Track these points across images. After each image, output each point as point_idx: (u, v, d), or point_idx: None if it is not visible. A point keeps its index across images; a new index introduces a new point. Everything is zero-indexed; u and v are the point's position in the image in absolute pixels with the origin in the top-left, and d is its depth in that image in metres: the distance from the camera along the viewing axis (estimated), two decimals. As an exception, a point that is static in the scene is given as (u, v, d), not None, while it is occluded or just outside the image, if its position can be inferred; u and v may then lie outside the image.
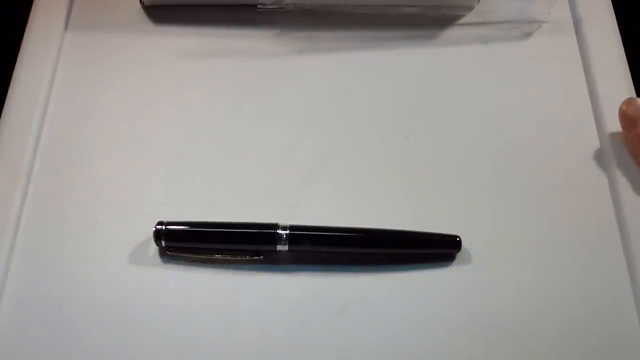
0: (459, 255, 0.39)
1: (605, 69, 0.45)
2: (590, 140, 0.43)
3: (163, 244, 0.38)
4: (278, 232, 0.37)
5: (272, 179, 0.41)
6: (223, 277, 0.38)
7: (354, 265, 0.39)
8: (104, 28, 0.46)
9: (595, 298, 0.38)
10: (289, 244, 0.37)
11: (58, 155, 0.42)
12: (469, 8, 0.47)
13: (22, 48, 0.45)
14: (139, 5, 0.47)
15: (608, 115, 0.43)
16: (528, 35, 0.47)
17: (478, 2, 0.47)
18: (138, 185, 0.41)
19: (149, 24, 0.47)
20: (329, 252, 0.39)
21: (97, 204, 0.40)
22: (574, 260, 0.39)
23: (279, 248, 0.38)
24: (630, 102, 0.41)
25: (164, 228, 0.38)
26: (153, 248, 0.39)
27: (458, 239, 0.38)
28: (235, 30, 0.47)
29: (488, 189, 0.41)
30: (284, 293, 0.38)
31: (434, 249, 0.39)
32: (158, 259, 0.39)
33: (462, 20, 0.47)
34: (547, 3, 0.47)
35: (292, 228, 0.38)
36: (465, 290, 0.38)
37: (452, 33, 0.47)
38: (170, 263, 0.38)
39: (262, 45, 0.46)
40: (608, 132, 0.43)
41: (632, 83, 0.45)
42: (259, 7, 0.46)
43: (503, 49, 0.46)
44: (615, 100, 0.44)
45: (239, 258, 0.38)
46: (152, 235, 0.38)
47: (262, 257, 0.38)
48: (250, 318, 0.37)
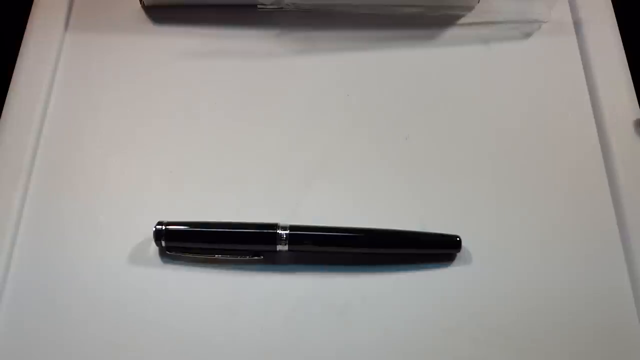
0: (459, 255, 0.39)
1: (605, 69, 0.45)
2: (590, 140, 0.43)
3: (163, 244, 0.38)
4: (278, 232, 0.37)
5: (272, 179, 0.41)
6: (223, 277, 0.38)
7: (354, 265, 0.39)
8: (104, 28, 0.46)
9: (595, 298, 0.38)
10: (289, 244, 0.37)
11: (58, 155, 0.42)
12: (469, 8, 0.47)
13: (22, 48, 0.45)
14: (139, 5, 0.47)
15: (608, 115, 0.43)
16: (528, 35, 0.47)
17: (478, 2, 0.47)
18: (138, 185, 0.41)
19: (149, 24, 0.47)
20: (329, 252, 0.39)
21: (97, 204, 0.40)
22: (574, 260, 0.39)
23: (279, 248, 0.38)
24: None
25: (164, 228, 0.38)
26: (153, 248, 0.39)
27: (458, 239, 0.39)
28: (235, 30, 0.47)
29: (488, 189, 0.41)
30: (284, 293, 0.38)
31: (434, 249, 0.39)
32: (158, 259, 0.39)
33: (462, 20, 0.47)
34: (547, 3, 0.47)
35: (292, 228, 0.38)
36: (465, 290, 0.38)
37: (452, 33, 0.47)
38: (170, 263, 0.39)
39: (262, 45, 0.46)
40: (608, 132, 0.43)
41: (632, 83, 0.45)
42: (259, 7, 0.46)
43: (503, 49, 0.46)
44: (615, 100, 0.44)
45: (239, 258, 0.38)
46: (152, 235, 0.38)
47: (262, 257, 0.38)
48: (250, 318, 0.37)
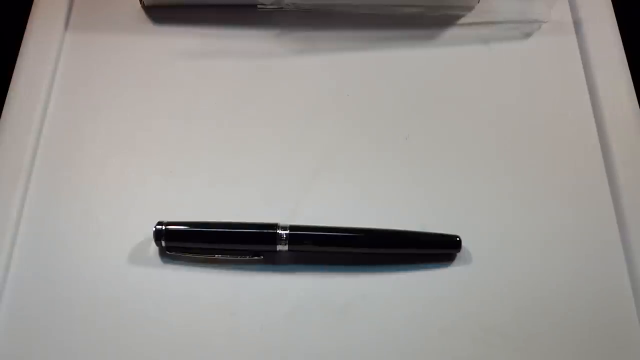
0: (459, 255, 0.39)
1: (605, 69, 0.45)
2: (590, 140, 0.43)
3: (163, 244, 0.38)
4: (278, 232, 0.37)
5: (272, 179, 0.41)
6: (223, 277, 0.38)
7: (354, 265, 0.39)
8: (104, 28, 0.46)
9: (595, 298, 0.38)
10: (289, 244, 0.38)
11: (58, 155, 0.42)
12: (469, 8, 0.47)
13: (22, 48, 0.45)
14: (139, 5, 0.47)
15: (608, 115, 0.43)
16: (528, 35, 0.47)
17: (478, 2, 0.47)
18: (138, 185, 0.41)
19: (149, 24, 0.47)
20: (329, 252, 0.39)
21: (97, 204, 0.40)
22: (574, 261, 0.39)
23: (279, 248, 0.38)
24: None
25: (164, 228, 0.38)
26: (153, 248, 0.39)
27: (458, 239, 0.39)
28: (235, 30, 0.47)
29: (488, 189, 0.41)
30: (284, 293, 0.38)
31: (434, 249, 0.39)
32: (158, 259, 0.39)
33: (462, 20, 0.47)
34: (547, 3, 0.47)
35: (292, 228, 0.38)
36: (465, 290, 0.38)
37: (452, 33, 0.47)
38: (170, 263, 0.39)
39: (262, 45, 0.46)
40: (608, 132, 0.43)
41: (632, 83, 0.45)
42: (259, 7, 0.46)
43: (503, 49, 0.46)
44: (615, 100, 0.44)
45: (239, 258, 0.38)
46: (152, 235, 0.38)
47: (262, 257, 0.38)
48: (250, 318, 0.37)
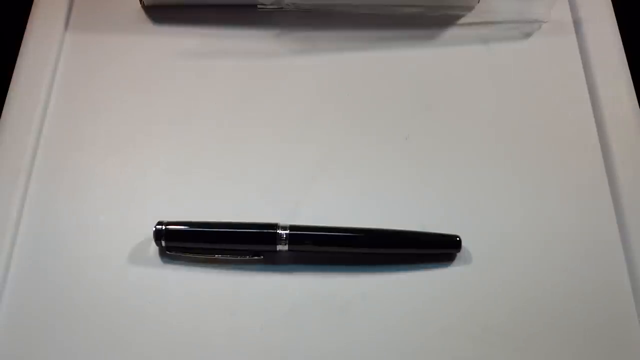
0: (459, 255, 0.39)
1: (605, 69, 0.45)
2: (590, 140, 0.43)
3: (163, 244, 0.38)
4: (278, 232, 0.37)
5: (272, 179, 0.41)
6: (223, 277, 0.38)
7: (354, 265, 0.39)
8: (104, 28, 0.46)
9: (595, 298, 0.38)
10: (289, 244, 0.38)
11: (58, 155, 0.42)
12: (469, 8, 0.47)
13: (22, 48, 0.45)
14: (139, 5, 0.47)
15: (608, 115, 0.43)
16: (528, 35, 0.47)
17: (478, 2, 0.47)
18: (138, 185, 0.41)
19: (149, 24, 0.47)
20: (329, 252, 0.39)
21: (97, 204, 0.40)
22: (574, 261, 0.39)
23: (279, 248, 0.38)
24: None
25: (164, 228, 0.38)
26: (153, 248, 0.39)
27: (458, 239, 0.39)
28: (235, 30, 0.47)
29: (488, 189, 0.41)
30: (284, 293, 0.38)
31: (434, 249, 0.39)
32: (158, 259, 0.39)
33: (462, 20, 0.47)
34: (547, 3, 0.47)
35: (292, 228, 0.38)
36: (465, 290, 0.38)
37: (452, 33, 0.47)
38: (170, 263, 0.39)
39: (262, 45, 0.46)
40: (608, 132, 0.43)
41: (632, 83, 0.45)
42: (259, 7, 0.46)
43: (503, 49, 0.46)
44: (615, 100, 0.44)
45: (239, 258, 0.38)
46: (152, 235, 0.38)
47: (262, 257, 0.38)
48: (250, 318, 0.37)
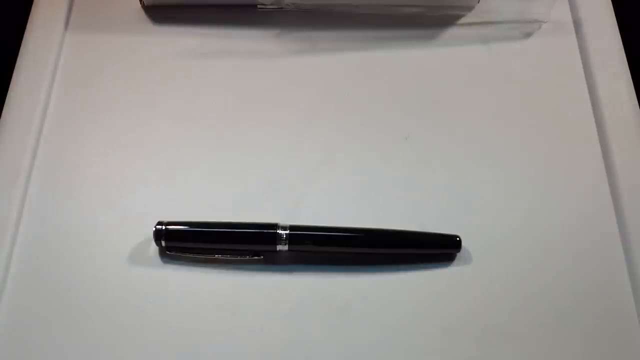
0: (459, 255, 0.39)
1: (605, 69, 0.45)
2: (590, 140, 0.43)
3: (163, 244, 0.38)
4: (278, 232, 0.37)
5: (272, 179, 0.41)
6: (223, 277, 0.38)
7: (354, 265, 0.39)
8: (104, 28, 0.46)
9: (595, 298, 0.38)
10: (289, 244, 0.37)
11: (58, 156, 0.42)
12: (469, 8, 0.47)
13: (22, 48, 0.45)
14: (139, 5, 0.47)
15: (608, 116, 0.43)
16: (528, 35, 0.47)
17: (478, 2, 0.47)
18: (138, 185, 0.41)
19: (149, 24, 0.47)
20: (329, 252, 0.39)
21: (97, 204, 0.40)
22: (574, 261, 0.39)
23: (279, 248, 0.38)
24: None
25: (164, 228, 0.38)
26: (153, 248, 0.39)
27: (458, 239, 0.38)
28: (235, 30, 0.47)
29: (488, 189, 0.41)
30: (284, 293, 0.38)
31: (434, 249, 0.39)
32: (158, 259, 0.39)
33: (462, 20, 0.47)
34: (547, 3, 0.47)
35: (292, 228, 0.38)
36: (465, 290, 0.38)
37: (452, 33, 0.47)
38: (170, 263, 0.39)
39: (262, 45, 0.46)
40: (608, 132, 0.43)
41: (632, 83, 0.45)
42: (259, 7, 0.46)
43: (503, 49, 0.46)
44: (615, 100, 0.44)
45: (239, 258, 0.38)
46: (152, 235, 0.38)
47: (262, 257, 0.38)
48: (250, 318, 0.37)
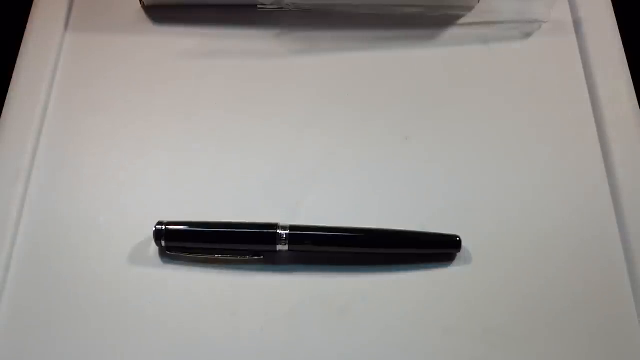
0: (459, 255, 0.39)
1: (605, 69, 0.45)
2: (590, 140, 0.43)
3: (163, 244, 0.38)
4: (278, 232, 0.37)
5: (272, 179, 0.41)
6: (223, 277, 0.38)
7: (354, 265, 0.39)
8: (104, 28, 0.46)
9: (595, 298, 0.38)
10: (289, 244, 0.37)
11: (58, 155, 0.42)
12: (469, 8, 0.47)
13: (22, 48, 0.45)
14: (139, 5, 0.47)
15: (608, 116, 0.43)
16: (528, 35, 0.47)
17: (478, 2, 0.47)
18: (138, 185, 0.41)
19: (149, 24, 0.47)
20: (329, 252, 0.39)
21: (97, 204, 0.40)
22: (574, 261, 0.39)
23: (279, 248, 0.38)
24: None
25: (164, 228, 0.38)
26: (153, 248, 0.39)
27: (458, 239, 0.38)
28: (235, 30, 0.47)
29: (488, 189, 0.41)
30: (284, 293, 0.38)
31: (434, 249, 0.39)
32: (158, 259, 0.39)
33: (462, 20, 0.47)
34: (547, 3, 0.47)
35: (292, 228, 0.38)
36: (465, 290, 0.38)
37: (452, 33, 0.47)
38: (170, 263, 0.39)
39: (262, 45, 0.46)
40: (608, 132, 0.43)
41: (632, 83, 0.45)
42: (259, 7, 0.46)
43: (503, 49, 0.46)
44: (615, 101, 0.44)
45: (239, 258, 0.38)
46: (152, 235, 0.38)
47: (262, 257, 0.38)
48: (250, 318, 0.37)
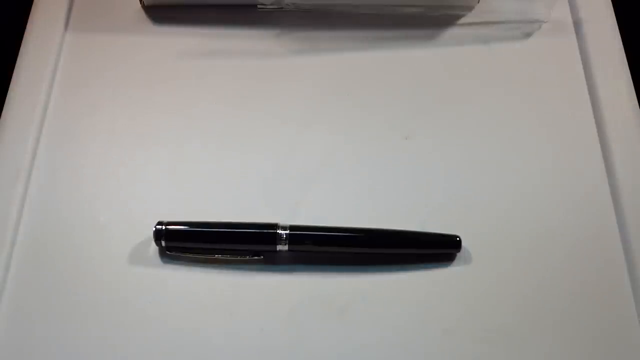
0: (459, 255, 0.39)
1: (605, 69, 0.45)
2: (590, 141, 0.43)
3: (163, 244, 0.38)
4: (278, 232, 0.37)
5: (272, 179, 0.41)
6: (223, 277, 0.38)
7: (354, 265, 0.39)
8: (104, 28, 0.46)
9: (595, 298, 0.38)
10: (289, 244, 0.37)
11: (58, 155, 0.42)
12: (469, 8, 0.47)
13: (22, 48, 0.45)
14: (139, 5, 0.47)
15: (608, 115, 0.43)
16: (528, 35, 0.47)
17: (478, 2, 0.47)
18: (138, 185, 0.41)
19: (149, 24, 0.47)
20: (329, 252, 0.39)
21: (97, 204, 0.40)
22: (574, 261, 0.39)
23: (279, 248, 0.38)
24: None
25: (164, 228, 0.38)
26: (153, 248, 0.39)
27: (458, 239, 0.38)
28: (235, 30, 0.47)
29: (488, 189, 0.41)
30: (284, 293, 0.38)
31: (434, 249, 0.39)
32: (158, 259, 0.39)
33: (462, 20, 0.47)
34: (547, 3, 0.47)
35: (292, 228, 0.38)
36: (465, 290, 0.38)
37: (452, 33, 0.47)
38: (170, 263, 0.39)
39: (262, 45, 0.46)
40: (608, 132, 0.43)
41: (632, 83, 0.45)
42: (259, 7, 0.46)
43: (503, 49, 0.46)
44: (615, 101, 0.44)
45: (239, 258, 0.38)
46: (152, 235, 0.38)
47: (262, 257, 0.38)
48: (250, 318, 0.37)
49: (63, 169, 0.41)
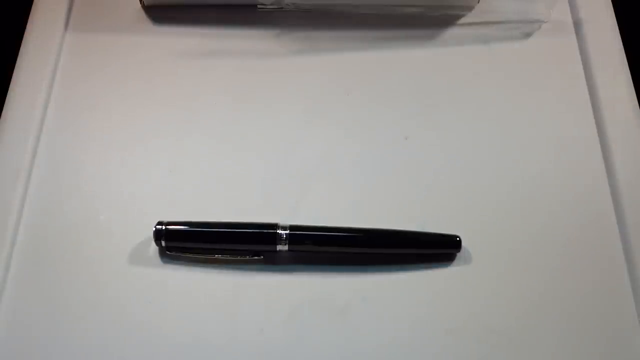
0: (459, 255, 0.39)
1: (605, 69, 0.45)
2: (590, 141, 0.43)
3: (163, 244, 0.38)
4: (278, 232, 0.37)
5: (272, 179, 0.41)
6: (223, 277, 0.38)
7: (354, 265, 0.39)
8: (104, 28, 0.46)
9: (595, 298, 0.38)
10: (289, 244, 0.37)
11: (58, 155, 0.42)
12: (469, 8, 0.47)
13: (22, 48, 0.45)
14: (139, 5, 0.47)
15: (608, 116, 0.43)
16: (528, 35, 0.47)
17: (478, 2, 0.47)
18: (138, 185, 0.41)
19: (149, 24, 0.47)
20: (329, 252, 0.39)
21: (97, 204, 0.40)
22: (574, 261, 0.39)
23: (279, 248, 0.38)
24: None
25: (164, 228, 0.38)
26: (153, 248, 0.39)
27: (458, 239, 0.38)
28: (235, 30, 0.47)
29: (488, 189, 0.41)
30: (284, 293, 0.38)
31: (434, 249, 0.39)
32: (158, 259, 0.39)
33: (462, 20, 0.47)
34: (547, 3, 0.47)
35: (292, 228, 0.38)
36: (465, 290, 0.38)
37: (452, 33, 0.47)
38: (170, 263, 0.39)
39: (262, 45, 0.46)
40: (608, 132, 0.43)
41: (632, 83, 0.45)
42: (259, 7, 0.46)
43: (503, 49, 0.46)
44: (615, 101, 0.44)
45: (239, 258, 0.38)
46: (152, 235, 0.38)
47: (262, 257, 0.38)
48: (250, 318, 0.37)
49: (63, 169, 0.41)
